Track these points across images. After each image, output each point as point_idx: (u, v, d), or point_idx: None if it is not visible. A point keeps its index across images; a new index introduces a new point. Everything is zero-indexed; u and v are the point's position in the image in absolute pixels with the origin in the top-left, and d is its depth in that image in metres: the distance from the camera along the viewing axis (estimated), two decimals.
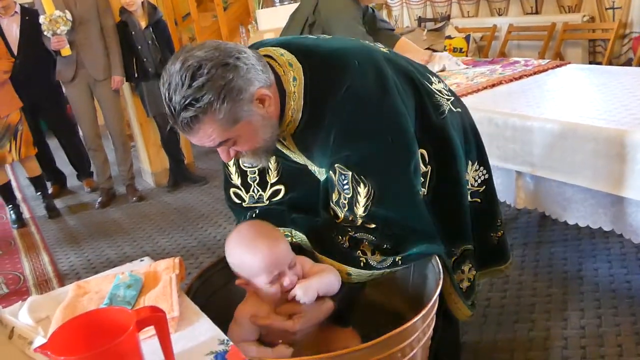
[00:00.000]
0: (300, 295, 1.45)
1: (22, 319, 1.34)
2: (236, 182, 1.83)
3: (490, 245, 2.05)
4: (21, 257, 4.32)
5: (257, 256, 1.45)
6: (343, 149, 1.52)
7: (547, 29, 5.89)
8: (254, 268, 1.46)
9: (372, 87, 1.55)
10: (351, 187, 1.52)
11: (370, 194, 1.50)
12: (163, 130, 5.20)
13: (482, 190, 1.97)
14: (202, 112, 1.34)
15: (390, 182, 1.54)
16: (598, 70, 3.27)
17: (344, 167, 1.52)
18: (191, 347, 1.18)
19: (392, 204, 1.53)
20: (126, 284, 1.37)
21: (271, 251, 1.46)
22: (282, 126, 1.56)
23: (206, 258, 3.80)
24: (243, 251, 1.48)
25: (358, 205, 1.52)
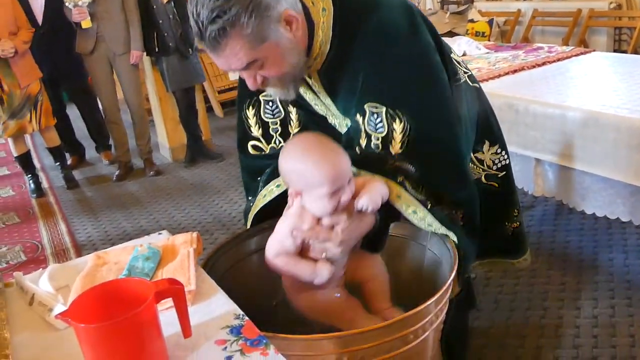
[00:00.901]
0: (366, 203, 1.41)
1: (42, 287, 1.36)
2: (256, 134, 1.81)
3: (503, 235, 2.02)
4: (39, 226, 4.37)
5: (324, 166, 1.37)
6: (373, 85, 1.51)
7: (572, 15, 5.83)
8: (318, 178, 1.38)
9: (401, 21, 1.53)
10: (385, 124, 1.50)
11: (406, 129, 1.49)
12: (182, 106, 5.22)
13: (501, 175, 1.94)
14: (229, 25, 1.33)
15: (427, 115, 1.52)
16: (623, 59, 3.24)
17: (376, 104, 1.50)
18: (207, 320, 1.19)
19: (429, 137, 1.51)
20: (144, 256, 1.39)
21: (339, 163, 1.39)
22: (309, 60, 1.54)
23: (221, 234, 3.83)
24: (308, 160, 1.39)
25: (394, 142, 1.50)
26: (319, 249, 1.44)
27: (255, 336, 1.12)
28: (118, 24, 4.83)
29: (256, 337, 1.12)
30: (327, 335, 1.32)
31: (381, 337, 1.32)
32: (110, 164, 5.69)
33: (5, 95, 4.48)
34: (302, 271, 1.46)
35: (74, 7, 4.62)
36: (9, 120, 4.56)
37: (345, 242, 1.44)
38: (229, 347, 1.10)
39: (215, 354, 1.09)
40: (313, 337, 1.32)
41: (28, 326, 1.24)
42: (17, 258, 3.84)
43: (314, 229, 1.43)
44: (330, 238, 1.42)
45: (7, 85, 4.47)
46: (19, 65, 4.48)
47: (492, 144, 1.91)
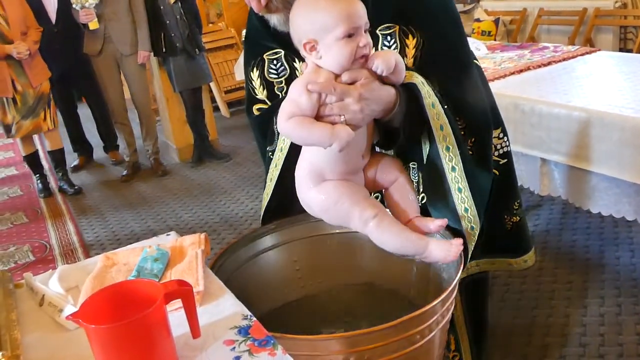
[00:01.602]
0: (379, 62, 1.31)
1: (52, 287, 1.37)
2: (261, 97, 1.76)
3: (501, 230, 1.90)
4: (47, 226, 4.41)
5: (337, 4, 1.29)
6: (384, 6, 1.49)
7: (578, 14, 5.82)
8: (332, 17, 1.28)
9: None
10: (398, 41, 1.49)
11: (419, 43, 1.47)
12: (188, 106, 5.24)
13: (503, 163, 1.86)
14: None
15: (440, 33, 1.51)
16: (628, 59, 3.23)
17: (388, 25, 1.50)
18: (215, 321, 1.20)
19: (442, 55, 1.50)
20: (153, 257, 1.40)
21: (352, 2, 1.30)
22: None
23: (228, 234, 3.85)
24: (321, 1, 1.30)
25: (406, 58, 1.48)
26: (337, 108, 1.31)
27: (263, 336, 1.13)
28: (125, 25, 4.86)
29: (264, 337, 1.13)
30: (334, 336, 1.33)
31: (388, 337, 1.33)
32: (118, 164, 5.72)
33: (19, 95, 4.49)
34: (318, 133, 1.30)
35: (81, 9, 4.64)
36: (22, 120, 4.56)
37: (366, 100, 1.33)
38: (237, 347, 1.11)
39: (223, 354, 1.10)
40: (320, 338, 1.34)
41: (38, 327, 1.25)
42: (26, 258, 3.87)
43: (331, 81, 1.31)
44: (350, 92, 1.31)
45: (21, 86, 4.48)
46: (31, 65, 4.50)
47: (495, 127, 1.82)
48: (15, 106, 4.51)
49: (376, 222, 1.40)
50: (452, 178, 1.52)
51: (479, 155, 1.59)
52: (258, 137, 1.84)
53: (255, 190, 4.56)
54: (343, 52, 1.29)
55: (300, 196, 1.48)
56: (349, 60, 1.30)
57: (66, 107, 5.66)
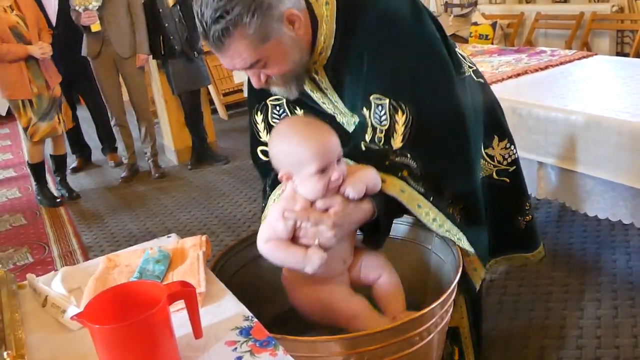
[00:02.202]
0: (349, 190, 1.40)
1: (55, 289, 1.39)
2: (265, 139, 1.81)
3: (517, 230, 2.01)
4: (46, 228, 4.41)
5: (309, 142, 1.37)
6: (377, 75, 1.52)
7: (575, 18, 5.85)
8: (305, 155, 1.37)
9: (405, 11, 1.54)
10: (388, 116, 1.51)
11: (408, 121, 1.49)
12: (187, 108, 5.26)
13: (512, 170, 1.94)
14: (232, 25, 1.36)
15: (430, 105, 1.52)
16: (625, 63, 3.26)
17: (380, 96, 1.51)
18: (217, 322, 1.22)
19: (431, 134, 1.52)
20: (155, 259, 1.41)
21: (324, 138, 1.39)
22: (314, 55, 1.56)
23: (226, 236, 3.86)
24: (294, 137, 1.40)
25: (395, 135, 1.50)
26: (311, 233, 1.40)
27: (265, 337, 1.15)
28: (124, 28, 4.87)
29: (265, 338, 1.14)
30: (334, 337, 1.34)
31: (388, 339, 1.35)
32: (116, 166, 5.72)
33: (35, 97, 4.45)
34: (292, 257, 1.41)
35: (83, 11, 4.66)
36: (39, 122, 4.51)
37: (339, 226, 1.41)
38: (239, 347, 1.13)
39: (225, 355, 1.11)
40: (320, 339, 1.35)
41: (42, 327, 1.27)
42: (25, 259, 3.88)
43: (306, 209, 1.40)
44: (323, 220, 1.39)
45: (37, 88, 4.44)
46: (47, 67, 4.50)
47: (501, 139, 1.90)
48: (32, 108, 4.46)
49: (356, 324, 1.48)
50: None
51: (467, 218, 1.65)
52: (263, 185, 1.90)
53: (253, 192, 4.57)
54: (316, 185, 1.39)
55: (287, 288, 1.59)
56: (322, 193, 1.40)
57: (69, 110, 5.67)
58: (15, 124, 8.34)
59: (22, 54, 4.32)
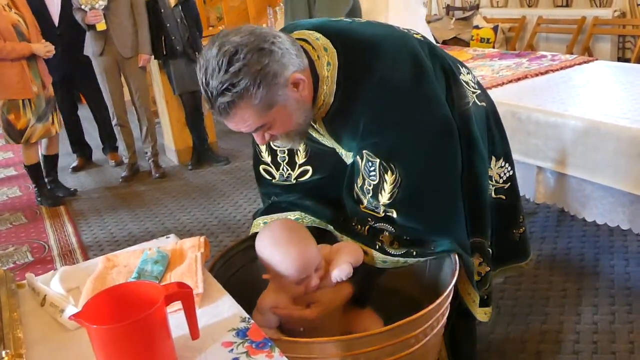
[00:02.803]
0: (336, 274, 1.53)
1: (53, 288, 1.39)
2: (266, 160, 1.87)
3: (511, 242, 2.04)
4: (46, 227, 4.42)
5: (288, 260, 1.50)
6: (372, 136, 1.54)
7: (576, 22, 5.85)
8: (284, 270, 1.51)
9: (406, 76, 1.56)
10: (378, 174, 1.55)
11: (397, 181, 1.53)
12: (188, 109, 5.27)
13: (507, 187, 1.96)
14: (238, 97, 1.37)
15: (420, 172, 1.56)
16: (625, 68, 3.27)
17: (371, 155, 1.55)
18: (214, 323, 1.23)
19: (419, 194, 1.56)
20: (153, 259, 1.42)
21: (302, 257, 1.51)
22: (314, 109, 1.58)
23: (226, 237, 3.86)
24: (275, 252, 1.53)
25: (383, 192, 1.55)
26: (298, 322, 1.56)
27: (261, 339, 1.15)
28: (127, 28, 4.88)
29: (261, 339, 1.15)
30: (331, 339, 1.36)
31: (384, 341, 1.36)
32: (117, 166, 5.73)
33: (35, 97, 4.38)
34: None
35: (90, 10, 4.67)
36: (36, 123, 4.43)
37: (321, 313, 1.55)
38: (235, 349, 1.13)
39: (222, 356, 1.12)
40: (317, 341, 1.36)
41: (40, 326, 1.28)
42: (24, 258, 3.88)
43: (288, 307, 1.56)
44: (305, 315, 1.54)
45: (36, 87, 4.39)
46: (42, 67, 4.47)
47: (497, 159, 1.93)
48: (31, 109, 4.38)
49: None
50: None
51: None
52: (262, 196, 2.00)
53: (253, 193, 4.57)
54: (296, 290, 1.54)
55: None
56: (301, 295, 1.55)
57: (67, 108, 5.69)
58: None
59: (26, 53, 4.27)
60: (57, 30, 5.14)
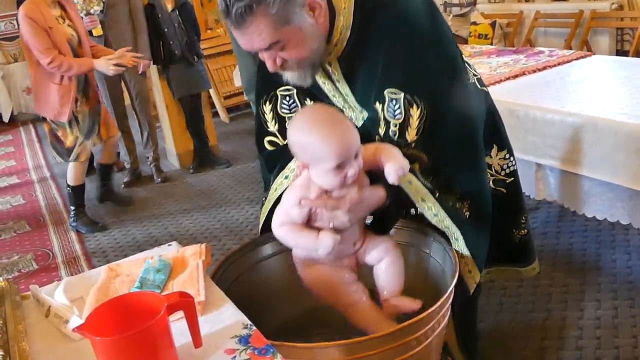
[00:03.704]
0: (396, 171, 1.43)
1: (57, 299, 1.41)
2: (272, 129, 1.84)
3: (510, 243, 2.02)
4: (50, 234, 4.43)
5: (330, 139, 1.38)
6: (393, 71, 1.55)
7: (574, 16, 5.85)
8: (324, 152, 1.39)
9: (422, 10, 1.57)
10: (403, 111, 1.54)
11: (423, 115, 1.52)
12: (188, 113, 5.28)
13: (510, 181, 1.96)
14: (256, 3, 1.39)
15: (444, 102, 1.56)
16: (622, 63, 3.27)
17: (395, 90, 1.54)
18: (216, 330, 1.24)
19: (445, 125, 1.56)
20: (155, 268, 1.44)
21: (346, 137, 1.40)
22: (330, 46, 1.58)
23: (228, 240, 3.88)
24: (315, 131, 1.40)
25: (410, 129, 1.54)
26: (326, 217, 1.45)
27: (263, 345, 1.17)
28: (126, 33, 4.89)
29: (264, 346, 1.16)
30: (332, 343, 1.37)
31: (385, 344, 1.37)
32: (119, 171, 5.74)
33: (80, 114, 4.11)
34: (305, 240, 1.46)
35: (86, 16, 4.68)
36: (85, 140, 4.15)
37: (354, 211, 1.46)
38: (238, 356, 1.15)
39: None
40: (318, 345, 1.37)
41: (45, 337, 1.29)
42: (29, 266, 3.90)
43: (321, 197, 1.44)
44: (339, 206, 1.43)
45: (80, 104, 4.10)
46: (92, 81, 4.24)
47: (500, 149, 1.93)
48: (78, 126, 4.10)
49: (352, 311, 1.55)
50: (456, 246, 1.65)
51: (476, 215, 1.67)
52: (264, 175, 1.93)
53: (255, 195, 4.59)
54: (332, 181, 1.42)
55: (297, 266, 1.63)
56: (337, 187, 1.43)
57: None
58: (18, 130, 8.39)
59: (84, 70, 3.97)
60: None
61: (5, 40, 8.81)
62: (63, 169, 5.60)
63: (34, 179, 5.94)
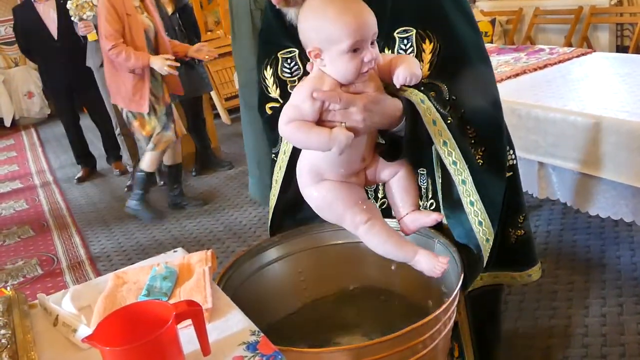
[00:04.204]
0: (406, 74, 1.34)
1: (65, 307, 1.41)
2: (274, 95, 1.76)
3: (505, 243, 1.87)
4: (54, 239, 4.45)
5: (344, 16, 1.27)
6: (403, 8, 1.51)
7: (574, 12, 5.85)
8: (338, 30, 1.27)
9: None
10: (415, 46, 1.50)
11: (435, 49, 1.48)
12: (189, 115, 5.29)
13: (509, 176, 1.82)
14: None
15: (457, 36, 1.52)
16: (623, 60, 3.27)
17: (406, 28, 1.50)
18: (224, 337, 1.24)
19: (462, 59, 1.52)
20: (162, 275, 1.44)
21: (362, 15, 1.29)
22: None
23: (232, 243, 3.88)
24: (329, 10, 1.28)
25: (422, 63, 1.49)
26: (340, 115, 1.32)
27: (271, 352, 1.17)
28: None
29: (272, 353, 1.17)
30: (339, 348, 1.37)
31: (392, 348, 1.37)
32: (122, 175, 5.76)
33: (157, 106, 4.21)
34: (317, 137, 1.31)
35: (79, 21, 4.69)
36: (163, 131, 4.26)
37: (370, 111, 1.33)
38: None
39: None
40: (325, 350, 1.38)
41: (54, 346, 1.30)
42: (34, 272, 3.91)
43: (336, 90, 1.32)
44: (355, 102, 1.31)
45: (156, 100, 4.21)
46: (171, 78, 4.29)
47: None
48: (155, 116, 4.21)
49: (366, 228, 1.43)
50: (463, 191, 1.52)
51: (490, 164, 1.58)
52: (269, 137, 1.83)
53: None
54: (347, 66, 1.29)
55: (300, 187, 1.50)
56: (353, 75, 1.31)
57: (69, 119, 5.73)
58: (20, 135, 8.41)
59: (140, 65, 4.00)
60: (57, 43, 5.20)
61: (6, 44, 8.83)
62: (66, 173, 5.65)
63: (36, 184, 5.96)
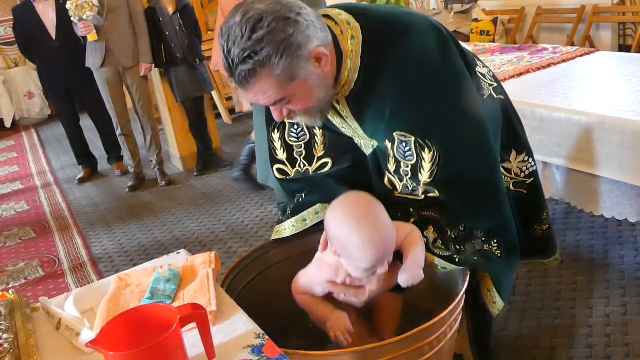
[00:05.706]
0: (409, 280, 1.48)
1: (68, 311, 1.41)
2: (281, 157, 1.81)
3: (533, 238, 1.99)
4: (55, 240, 4.43)
5: (369, 249, 1.41)
6: (402, 113, 1.51)
7: (576, 11, 5.83)
8: (361, 257, 1.43)
9: (432, 48, 1.53)
10: (415, 154, 1.51)
11: (435, 159, 1.49)
12: (191, 115, 5.28)
13: (530, 182, 1.92)
14: (260, 66, 1.33)
15: (457, 145, 1.53)
16: (627, 59, 3.25)
17: (405, 133, 1.51)
18: (229, 340, 1.23)
19: (460, 172, 1.53)
20: (165, 278, 1.43)
21: (384, 246, 1.43)
22: (337, 87, 1.54)
23: (234, 243, 3.87)
24: (355, 235, 1.41)
25: (423, 171, 1.51)
26: (344, 299, 1.57)
27: (276, 355, 1.16)
28: (126, 38, 4.89)
29: (277, 356, 1.16)
30: (345, 351, 1.36)
31: (398, 350, 1.36)
32: (123, 175, 5.75)
33: None
34: (319, 314, 1.57)
35: (79, 21, 4.68)
36: None
37: (370, 298, 1.55)
38: None
39: None
40: (331, 353, 1.37)
41: (57, 351, 1.29)
42: (36, 273, 3.90)
43: (345, 284, 1.53)
44: (358, 295, 1.53)
45: None
46: None
47: (518, 153, 1.89)
48: None
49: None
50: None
51: (505, 249, 1.65)
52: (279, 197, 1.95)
53: (260, 197, 4.58)
54: (361, 275, 1.49)
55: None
56: (366, 279, 1.51)
57: (69, 120, 5.72)
58: (20, 136, 8.40)
59: None
60: (56, 43, 5.19)
61: (6, 45, 8.82)
62: (67, 174, 5.64)
63: (37, 185, 5.95)
